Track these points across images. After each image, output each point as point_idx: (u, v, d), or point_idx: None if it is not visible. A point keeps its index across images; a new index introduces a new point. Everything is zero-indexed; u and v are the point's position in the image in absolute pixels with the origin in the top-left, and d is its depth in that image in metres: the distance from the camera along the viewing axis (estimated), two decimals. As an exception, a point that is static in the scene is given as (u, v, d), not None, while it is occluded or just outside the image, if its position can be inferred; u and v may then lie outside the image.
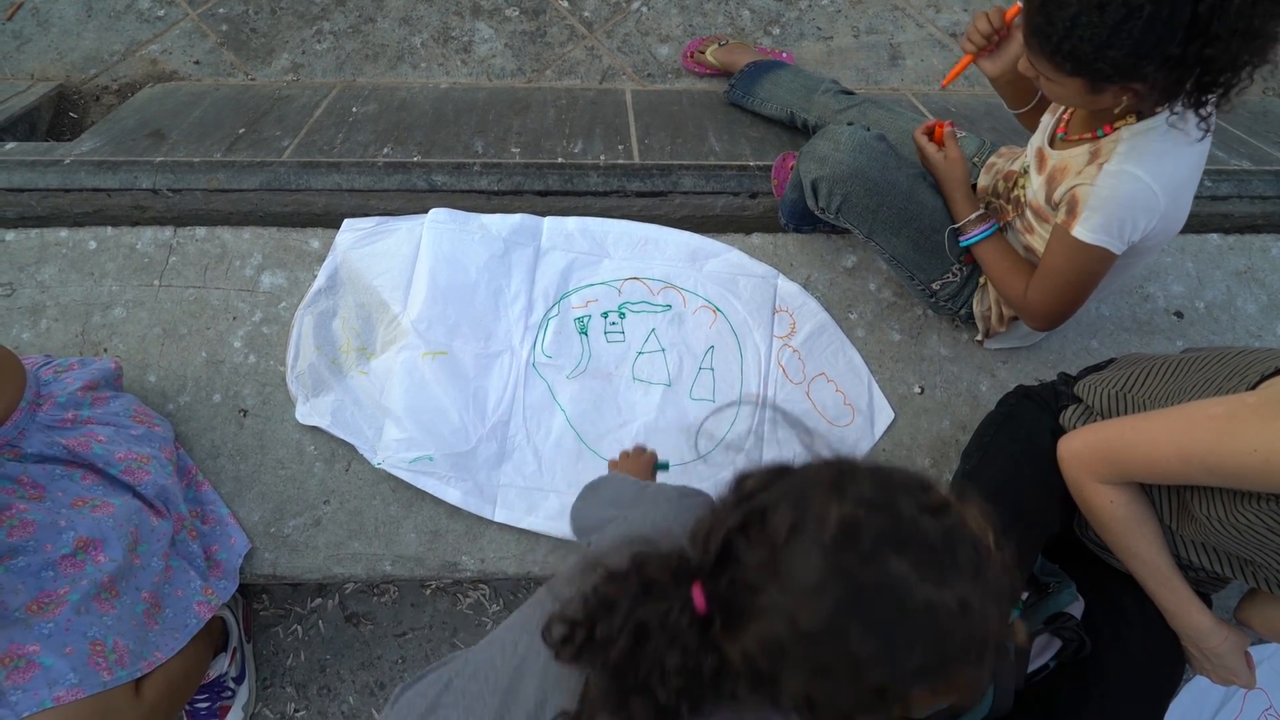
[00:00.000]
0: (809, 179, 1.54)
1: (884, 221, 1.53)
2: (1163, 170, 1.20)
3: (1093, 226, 1.24)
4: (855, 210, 1.53)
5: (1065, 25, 1.07)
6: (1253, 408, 1.00)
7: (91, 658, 1.18)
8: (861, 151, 1.49)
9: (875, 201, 1.50)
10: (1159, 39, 1.03)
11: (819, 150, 1.52)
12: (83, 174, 1.77)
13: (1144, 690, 1.31)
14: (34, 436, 1.28)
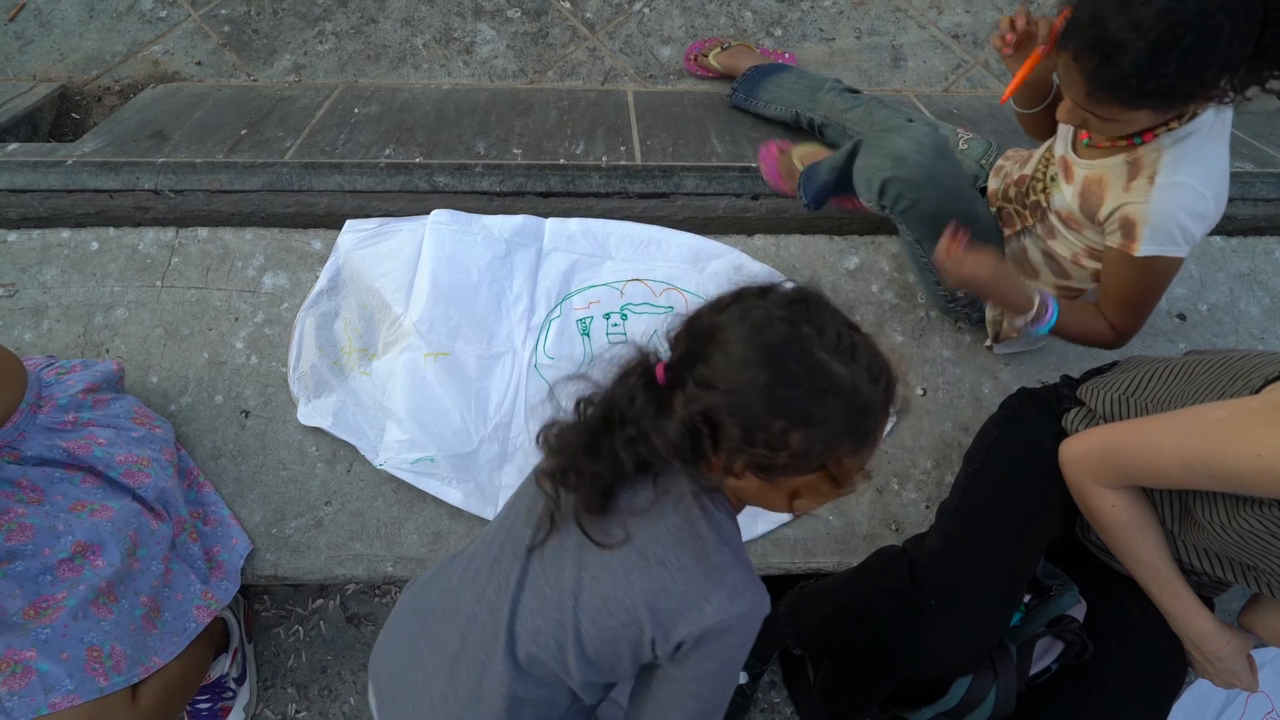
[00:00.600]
0: (880, 176, 1.44)
1: (941, 229, 1.39)
2: (1211, 174, 1.19)
3: (1159, 241, 1.22)
4: (920, 215, 1.47)
5: (1139, 68, 1.05)
6: (1255, 412, 1.00)
7: (88, 664, 1.18)
8: (941, 157, 1.44)
9: (942, 209, 1.44)
10: (1241, 46, 1.01)
11: (897, 148, 1.42)
12: (85, 175, 1.77)
13: (1146, 693, 1.31)
14: (34, 439, 1.28)
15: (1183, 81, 1.05)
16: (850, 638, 1.37)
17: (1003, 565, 1.29)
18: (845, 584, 1.40)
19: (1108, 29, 1.05)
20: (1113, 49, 1.05)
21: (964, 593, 1.24)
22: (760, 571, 1.59)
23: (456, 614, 1.02)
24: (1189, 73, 1.04)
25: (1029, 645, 1.30)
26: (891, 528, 1.62)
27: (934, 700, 1.32)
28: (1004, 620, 1.28)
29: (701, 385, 0.82)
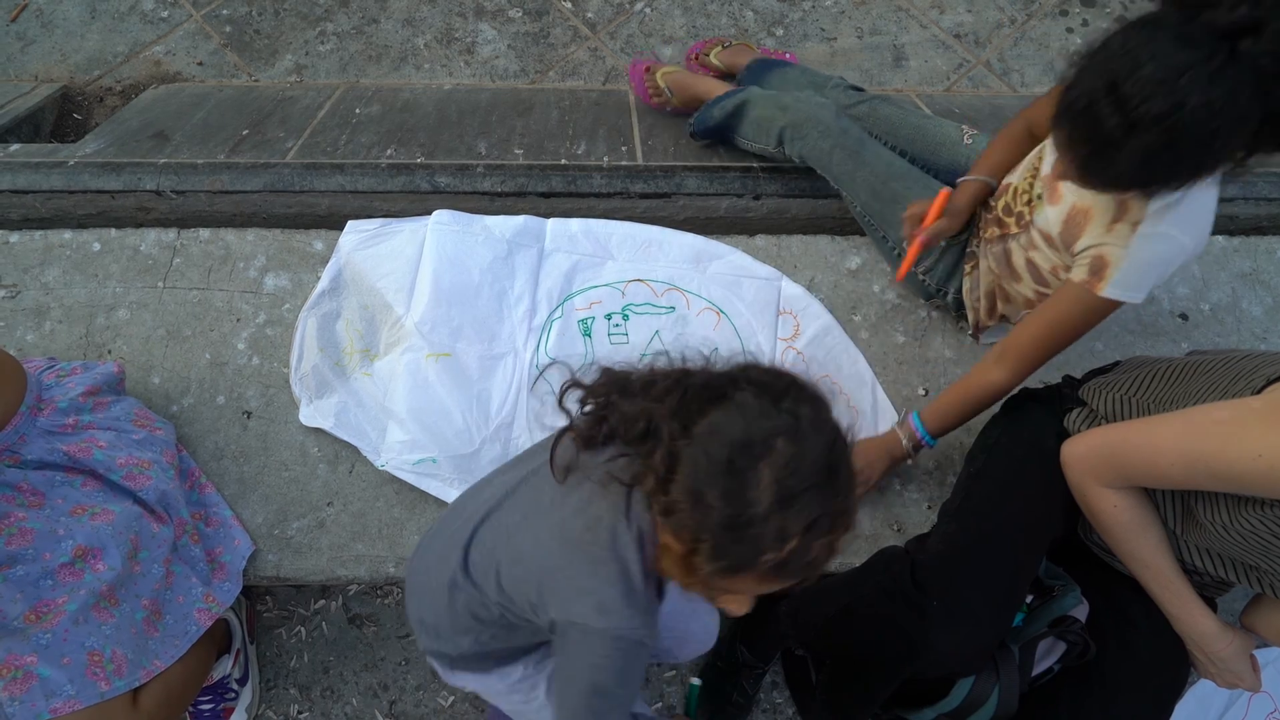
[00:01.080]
0: (776, 125, 1.74)
1: (839, 163, 1.66)
2: (1197, 222, 1.18)
3: (1125, 286, 1.21)
4: (823, 162, 1.69)
5: (1132, 166, 1.03)
6: (1257, 413, 1.00)
7: (89, 668, 1.17)
8: (824, 109, 1.68)
9: (849, 161, 1.65)
10: (1238, 143, 0.98)
11: (783, 100, 1.74)
12: (86, 176, 1.77)
13: (1148, 694, 1.31)
14: (34, 442, 1.28)
15: (1175, 176, 1.04)
16: (852, 638, 1.37)
17: (1005, 566, 1.28)
18: (847, 585, 1.40)
19: (1101, 125, 1.02)
20: (1105, 145, 1.03)
21: (966, 593, 1.24)
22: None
23: (463, 509, 1.15)
24: (1182, 170, 1.03)
25: (1031, 646, 1.30)
26: (893, 528, 1.61)
27: (936, 701, 1.32)
28: (1006, 621, 1.28)
29: (685, 434, 0.86)
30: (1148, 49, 0.95)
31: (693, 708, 1.67)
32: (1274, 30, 0.89)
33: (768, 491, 0.82)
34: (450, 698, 1.72)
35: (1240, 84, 0.92)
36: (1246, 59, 0.91)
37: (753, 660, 1.66)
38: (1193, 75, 0.92)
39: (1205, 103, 0.92)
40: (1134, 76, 0.96)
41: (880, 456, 1.56)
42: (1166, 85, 0.93)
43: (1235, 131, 0.96)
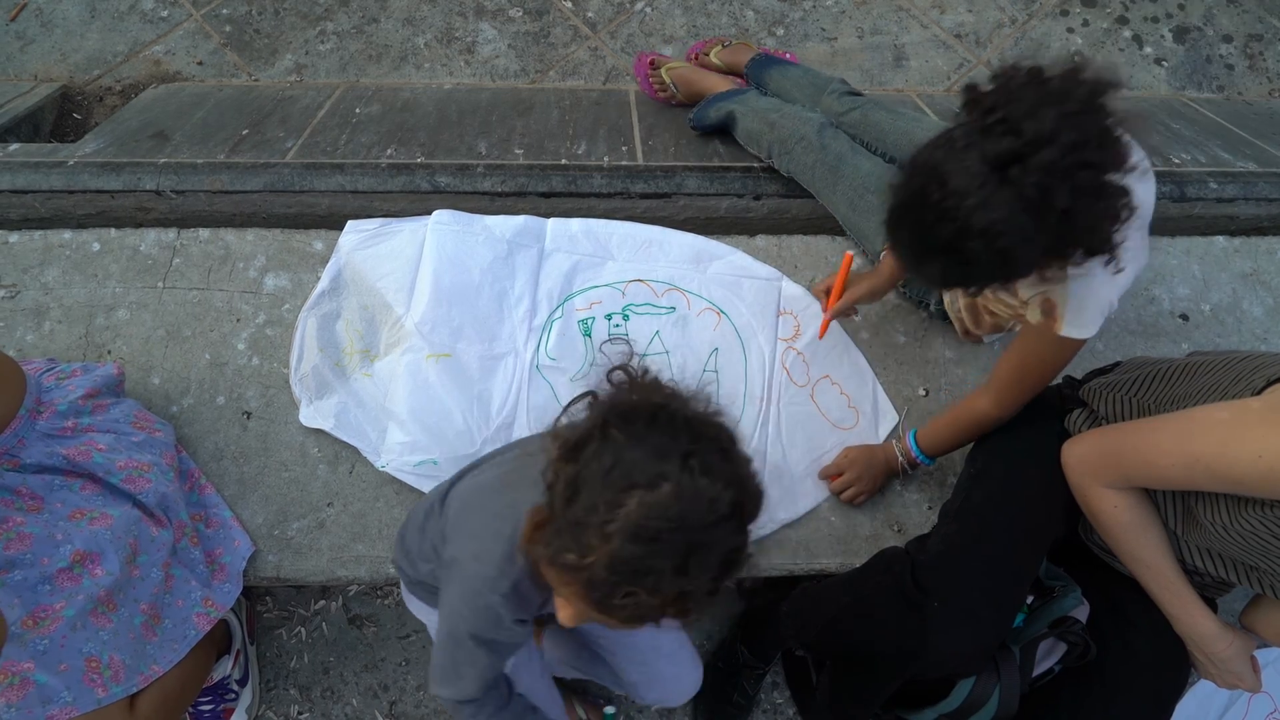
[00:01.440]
0: (765, 139, 1.79)
1: (821, 178, 1.69)
2: (1125, 251, 1.18)
3: (1082, 323, 1.22)
4: (806, 175, 1.73)
5: (947, 279, 1.13)
6: (1257, 413, 1.00)
7: (86, 675, 1.17)
8: (806, 123, 1.71)
9: (829, 173, 1.67)
10: (1027, 239, 1.01)
11: (770, 116, 1.78)
12: (86, 175, 1.77)
13: (1149, 694, 1.31)
14: (33, 446, 1.27)
15: (989, 281, 1.09)
16: (853, 639, 1.37)
17: (1005, 567, 1.28)
18: (848, 585, 1.40)
19: (906, 243, 1.11)
20: (915, 259, 1.11)
21: (967, 594, 1.24)
22: (763, 572, 1.60)
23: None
24: (994, 278, 1.08)
25: (1032, 646, 1.30)
26: (894, 528, 1.61)
27: (937, 701, 1.32)
28: (1007, 622, 1.27)
29: (602, 444, 0.89)
30: (937, 175, 1.02)
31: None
32: (1035, 162, 0.95)
33: (624, 521, 0.82)
34: (450, 698, 1.72)
35: (1014, 207, 0.98)
36: (1015, 185, 0.97)
37: (753, 661, 1.66)
38: (973, 201, 0.99)
39: (985, 226, 0.99)
40: (924, 203, 1.04)
41: (879, 467, 1.60)
42: (951, 212, 1.01)
43: (1026, 247, 1.02)
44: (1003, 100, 1.00)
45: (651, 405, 0.91)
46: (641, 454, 0.85)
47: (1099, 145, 0.98)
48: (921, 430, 1.55)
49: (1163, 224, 1.91)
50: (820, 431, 1.68)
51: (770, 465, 1.64)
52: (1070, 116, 0.97)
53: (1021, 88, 1.00)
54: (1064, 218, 0.99)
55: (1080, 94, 0.99)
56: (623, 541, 0.82)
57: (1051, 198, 0.97)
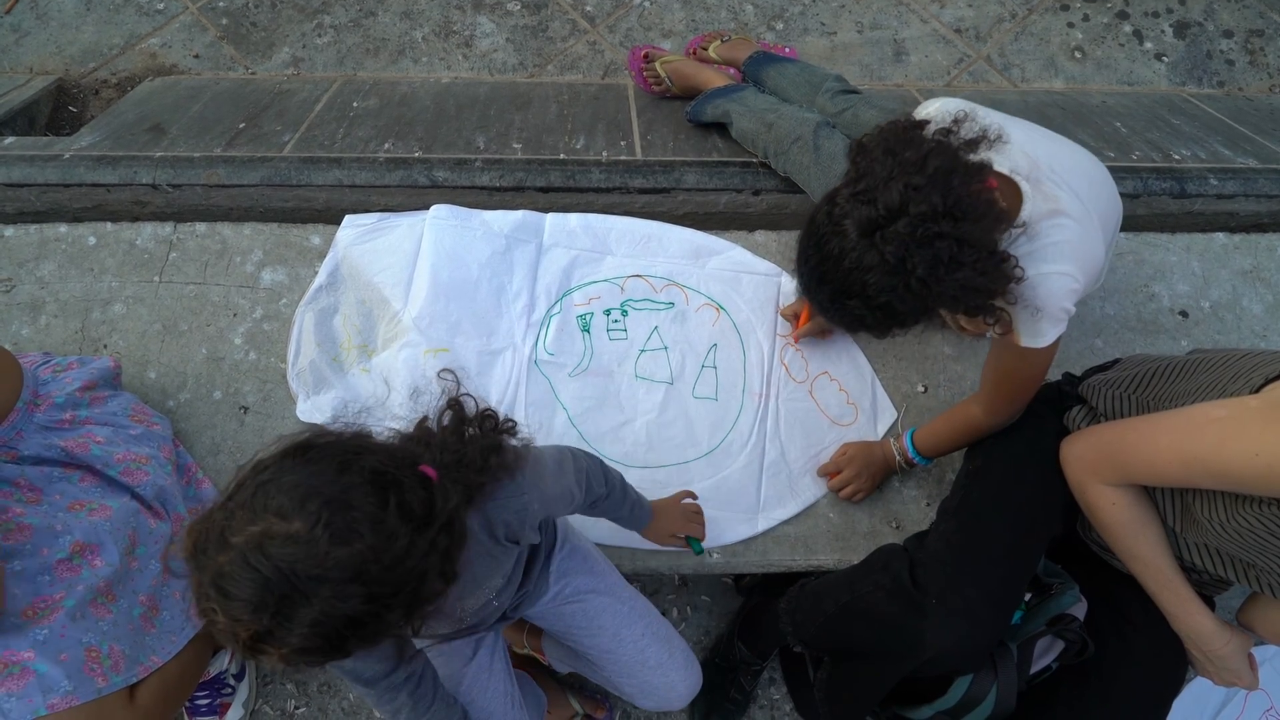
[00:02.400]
0: (761, 140, 1.78)
1: (815, 179, 1.68)
2: (1062, 253, 1.17)
3: (1035, 334, 1.22)
4: (795, 166, 1.72)
5: (847, 325, 1.17)
6: (1255, 411, 1.00)
7: (86, 664, 1.17)
8: (804, 123, 1.71)
9: (809, 159, 1.68)
10: (902, 293, 1.06)
11: (767, 117, 1.77)
12: (82, 169, 1.76)
13: (1146, 691, 1.31)
14: (31, 438, 1.27)
15: (888, 329, 1.14)
16: (850, 636, 1.37)
17: (1004, 564, 1.28)
18: (845, 582, 1.40)
19: (809, 293, 1.17)
20: (821, 308, 1.17)
21: (964, 592, 1.24)
22: (761, 568, 1.60)
23: None
24: (889, 326, 1.13)
25: (1029, 644, 1.30)
26: (892, 525, 1.61)
27: (934, 699, 1.32)
28: (1004, 619, 1.27)
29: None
30: (818, 238, 1.10)
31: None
32: (890, 232, 1.02)
33: (242, 538, 0.79)
34: (448, 693, 1.72)
35: (881, 269, 1.04)
36: (878, 250, 1.03)
37: (750, 657, 1.66)
38: (847, 263, 1.06)
39: (860, 287, 1.07)
40: (809, 264, 1.12)
41: (877, 464, 1.60)
42: (830, 274, 1.09)
43: (903, 304, 1.07)
44: (868, 168, 1.06)
45: (338, 446, 0.89)
46: (292, 484, 0.82)
47: (952, 215, 1.01)
48: (918, 431, 1.55)
49: (1162, 220, 1.91)
50: (819, 428, 1.68)
51: (768, 461, 1.64)
52: (918, 190, 1.01)
53: (881, 156, 1.06)
54: (923, 284, 1.03)
55: (931, 166, 1.03)
56: (230, 557, 0.79)
57: (910, 265, 1.02)
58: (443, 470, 0.94)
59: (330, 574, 0.79)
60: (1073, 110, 2.23)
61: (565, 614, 1.38)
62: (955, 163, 1.05)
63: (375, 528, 0.82)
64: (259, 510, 0.81)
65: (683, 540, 1.50)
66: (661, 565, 1.57)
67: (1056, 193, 1.17)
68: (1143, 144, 2.07)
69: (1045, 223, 1.16)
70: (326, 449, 0.88)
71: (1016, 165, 1.17)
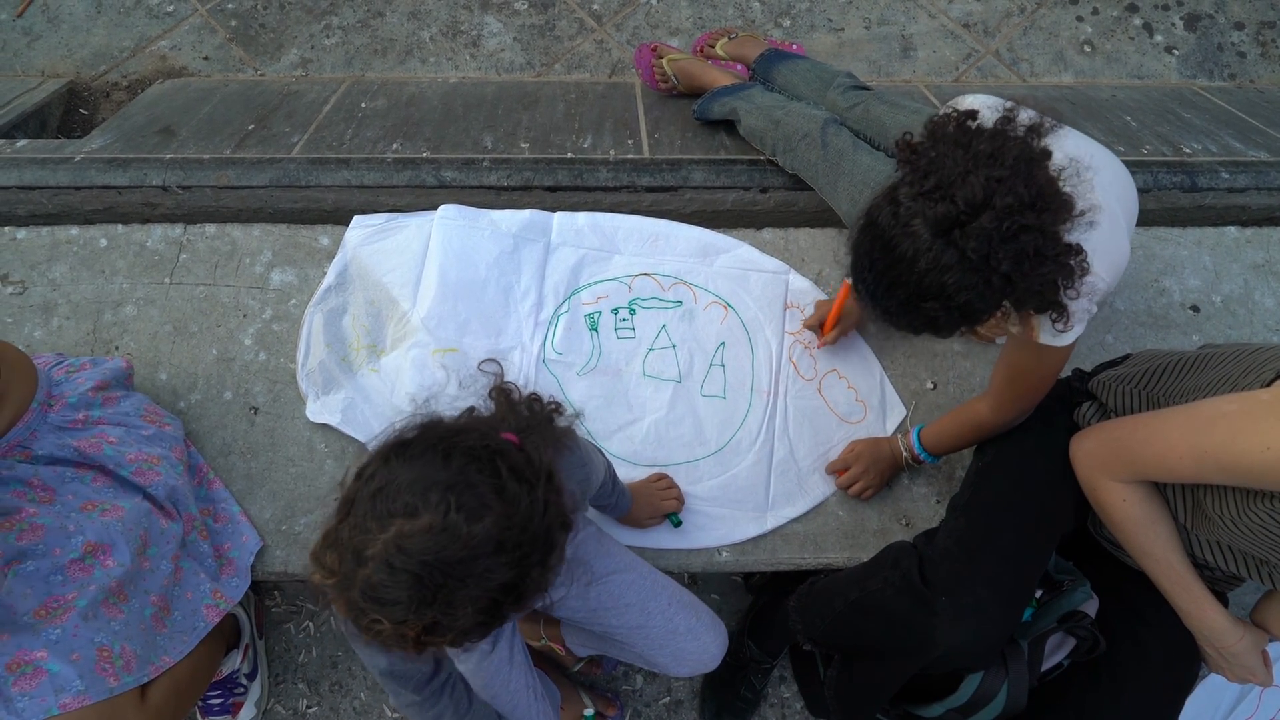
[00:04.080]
0: (769, 137, 1.77)
1: (823, 175, 1.66)
2: (1106, 254, 1.17)
3: (1055, 331, 1.19)
4: (810, 171, 1.70)
5: (910, 327, 1.11)
6: (1266, 405, 0.99)
7: (98, 664, 1.18)
8: (811, 120, 1.70)
9: (830, 169, 1.65)
10: (977, 291, 1.02)
11: (775, 115, 1.76)
12: (93, 171, 1.77)
13: (1159, 689, 1.30)
14: (45, 438, 1.28)
15: (947, 330, 1.09)
16: (861, 634, 1.36)
17: (1014, 561, 1.28)
18: (855, 580, 1.40)
19: (871, 297, 1.11)
20: (882, 312, 1.12)
21: (975, 589, 1.23)
22: (770, 566, 1.59)
23: None
24: (950, 326, 1.08)
25: (1041, 641, 1.29)
26: (902, 522, 1.61)
27: (945, 696, 1.31)
28: (1015, 616, 1.27)
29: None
30: (885, 241, 1.04)
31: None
32: (974, 228, 0.97)
33: (380, 547, 0.82)
34: (458, 692, 1.72)
35: (963, 267, 1.00)
36: (958, 247, 0.99)
37: (760, 656, 1.66)
38: (923, 265, 1.01)
39: (939, 289, 1.02)
40: (876, 269, 1.06)
41: (885, 461, 1.59)
42: (903, 277, 1.03)
43: (981, 301, 1.03)
44: (935, 164, 1.02)
45: (431, 435, 0.92)
46: (408, 483, 0.85)
47: (1035, 207, 0.99)
48: (926, 429, 1.54)
49: (1173, 214, 1.89)
50: (828, 425, 1.68)
51: (777, 459, 1.64)
52: (1002, 182, 0.98)
53: (950, 149, 1.02)
54: (1007, 280, 1.00)
55: (1009, 156, 0.99)
56: (375, 567, 0.81)
57: (994, 261, 0.98)
58: (522, 435, 0.98)
59: (476, 552, 0.83)
60: (1082, 104, 2.22)
61: (591, 596, 1.38)
62: (1032, 151, 1.02)
63: (500, 497, 0.86)
64: (384, 516, 0.83)
65: (661, 518, 1.55)
66: (671, 564, 1.57)
67: (1090, 188, 1.15)
68: (1153, 138, 2.06)
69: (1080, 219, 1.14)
70: (422, 440, 0.91)
71: (1062, 151, 1.13)
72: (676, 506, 1.57)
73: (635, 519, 1.54)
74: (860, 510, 1.62)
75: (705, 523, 1.59)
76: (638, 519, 1.54)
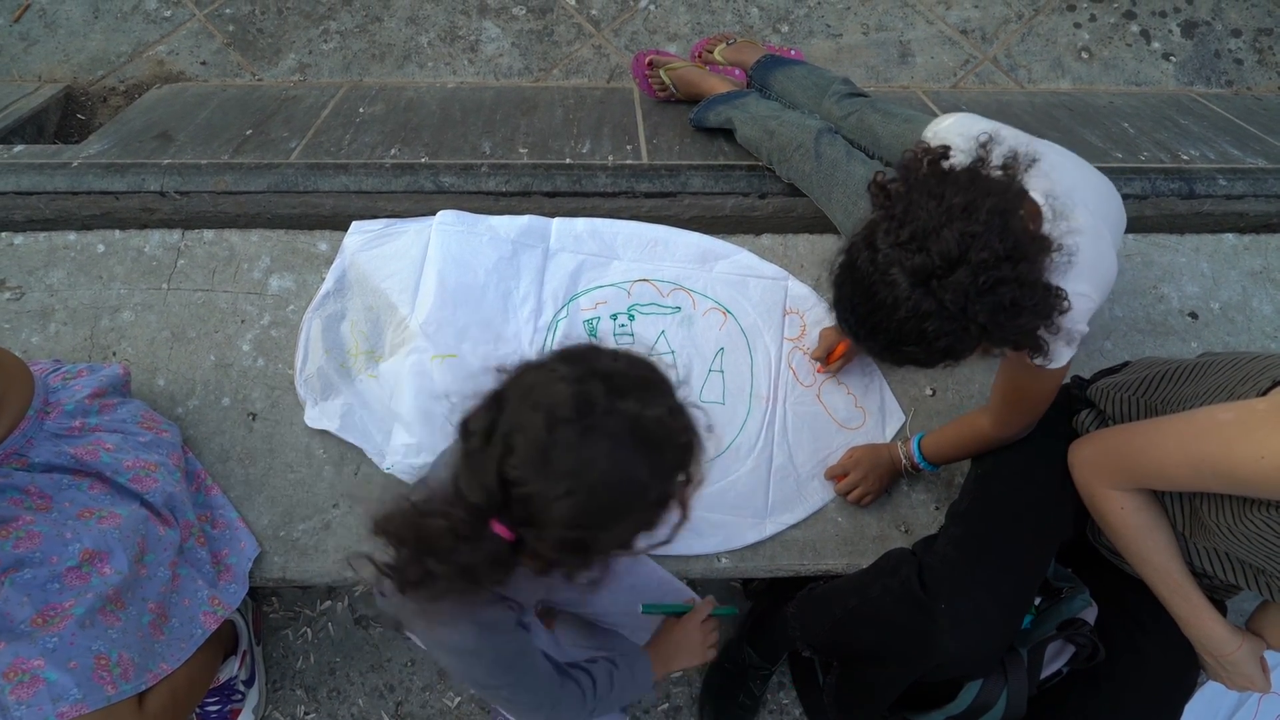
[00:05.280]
0: (764, 146, 1.79)
1: (817, 185, 1.68)
2: (1092, 272, 1.17)
3: (1054, 352, 1.17)
4: (805, 181, 1.71)
5: (894, 362, 1.12)
6: (1262, 414, 0.99)
7: (95, 672, 1.17)
8: (804, 130, 1.71)
9: (824, 179, 1.66)
10: (955, 335, 1.03)
11: (769, 125, 1.78)
12: (90, 177, 1.77)
13: (1157, 696, 1.30)
14: (41, 445, 1.28)
15: (932, 363, 1.09)
16: (859, 641, 1.36)
17: (1013, 568, 1.28)
18: (854, 587, 1.40)
19: (855, 336, 1.12)
20: (870, 350, 1.13)
21: (974, 596, 1.24)
22: (769, 573, 1.59)
23: None
24: (934, 361, 1.08)
25: (1040, 648, 1.29)
26: (901, 529, 1.61)
27: (944, 704, 1.31)
28: (1015, 624, 1.27)
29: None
30: (865, 288, 1.05)
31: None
32: (950, 281, 0.98)
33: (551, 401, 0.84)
34: (456, 699, 1.72)
35: (941, 314, 1.00)
36: (936, 296, 0.99)
37: (759, 662, 1.65)
38: (902, 313, 1.01)
39: (919, 334, 1.02)
40: (857, 313, 1.08)
41: (885, 467, 1.59)
42: (884, 323, 1.04)
43: (961, 343, 1.04)
44: (909, 213, 1.02)
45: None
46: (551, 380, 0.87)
47: (1012, 258, 0.98)
48: (926, 438, 1.54)
49: (1171, 221, 1.90)
50: (827, 431, 1.68)
51: (776, 465, 1.64)
52: (976, 237, 0.97)
53: (924, 199, 1.01)
54: (984, 329, 1.01)
55: (983, 210, 0.99)
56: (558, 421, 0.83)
57: (971, 313, 0.99)
58: None
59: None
60: (1080, 111, 2.23)
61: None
62: (1006, 201, 1.01)
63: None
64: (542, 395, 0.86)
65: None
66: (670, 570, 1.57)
67: (1070, 209, 1.14)
68: (1150, 144, 2.06)
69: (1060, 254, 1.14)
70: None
71: (1038, 185, 1.14)
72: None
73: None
74: (859, 517, 1.62)
75: (704, 529, 1.59)
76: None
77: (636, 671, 1.28)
